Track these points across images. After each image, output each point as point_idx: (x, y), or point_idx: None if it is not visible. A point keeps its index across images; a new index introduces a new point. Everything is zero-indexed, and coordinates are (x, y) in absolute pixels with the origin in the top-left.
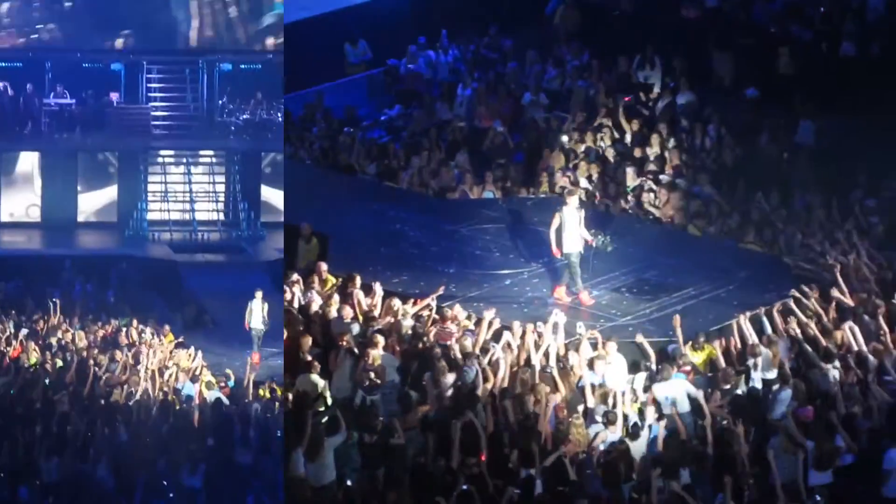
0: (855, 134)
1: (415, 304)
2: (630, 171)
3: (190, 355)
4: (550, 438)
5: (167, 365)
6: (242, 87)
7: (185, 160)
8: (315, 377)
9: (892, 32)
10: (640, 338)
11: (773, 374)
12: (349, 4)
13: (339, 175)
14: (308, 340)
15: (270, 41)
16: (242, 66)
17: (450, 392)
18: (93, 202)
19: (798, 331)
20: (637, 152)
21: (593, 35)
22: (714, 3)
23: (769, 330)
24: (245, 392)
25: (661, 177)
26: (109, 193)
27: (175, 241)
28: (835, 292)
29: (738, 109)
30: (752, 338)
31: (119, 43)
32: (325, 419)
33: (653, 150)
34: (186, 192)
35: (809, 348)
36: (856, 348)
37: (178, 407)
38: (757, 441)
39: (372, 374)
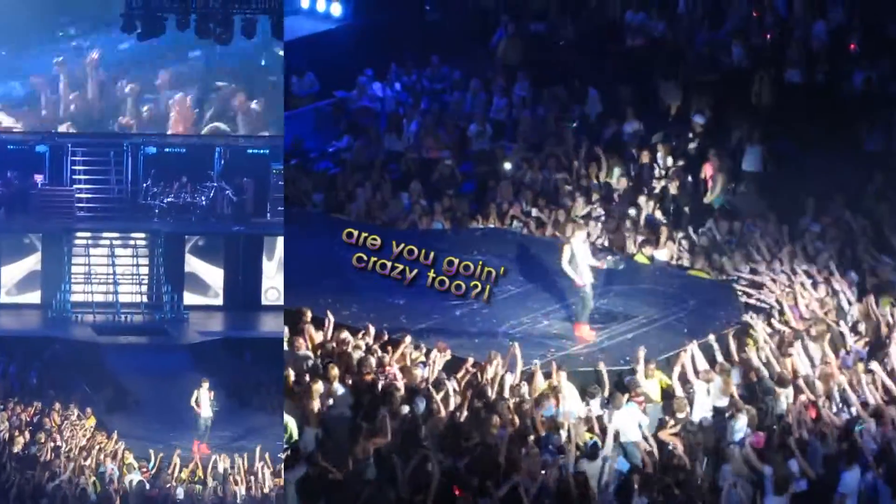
0: (802, 160)
1: (363, 336)
2: (580, 199)
3: (112, 438)
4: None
5: (89, 447)
6: (167, 169)
7: (108, 242)
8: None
9: (833, 60)
10: (601, 366)
11: (724, 402)
12: (296, 37)
13: (286, 208)
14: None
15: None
16: (167, 150)
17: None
18: (16, 283)
19: (752, 357)
20: (584, 181)
21: (537, 65)
22: (659, 32)
23: (720, 357)
24: (169, 477)
25: (611, 206)
26: (33, 275)
27: (98, 322)
28: (779, 319)
29: (685, 137)
30: (704, 365)
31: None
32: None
33: (601, 178)
34: (110, 275)
35: (766, 373)
36: (804, 373)
37: (98, 490)
38: (711, 469)
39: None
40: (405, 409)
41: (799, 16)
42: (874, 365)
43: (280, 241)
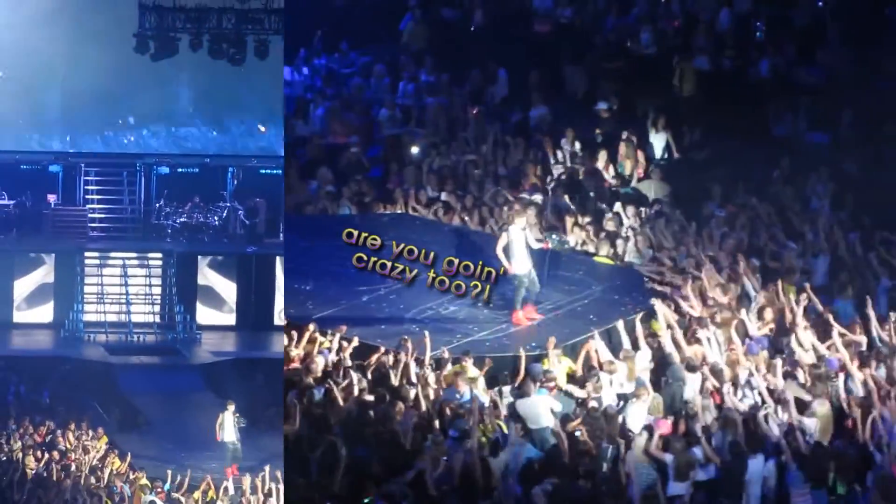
0: (708, 146)
1: None
2: (487, 185)
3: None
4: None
5: (101, 467)
6: (180, 189)
7: (121, 262)
8: None
9: (740, 46)
10: (521, 351)
11: (630, 388)
12: None
13: None
14: None
15: None
16: (180, 170)
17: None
18: (29, 303)
19: (658, 342)
20: (492, 166)
21: (445, 50)
22: (566, 18)
23: (626, 343)
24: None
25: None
26: (46, 295)
27: (110, 342)
28: (684, 305)
29: (591, 123)
30: (607, 356)
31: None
32: None
33: (509, 163)
34: (123, 294)
35: (677, 358)
36: (711, 360)
37: None
38: (615, 455)
39: None
40: (314, 395)
41: (705, 2)
42: (777, 360)
43: None
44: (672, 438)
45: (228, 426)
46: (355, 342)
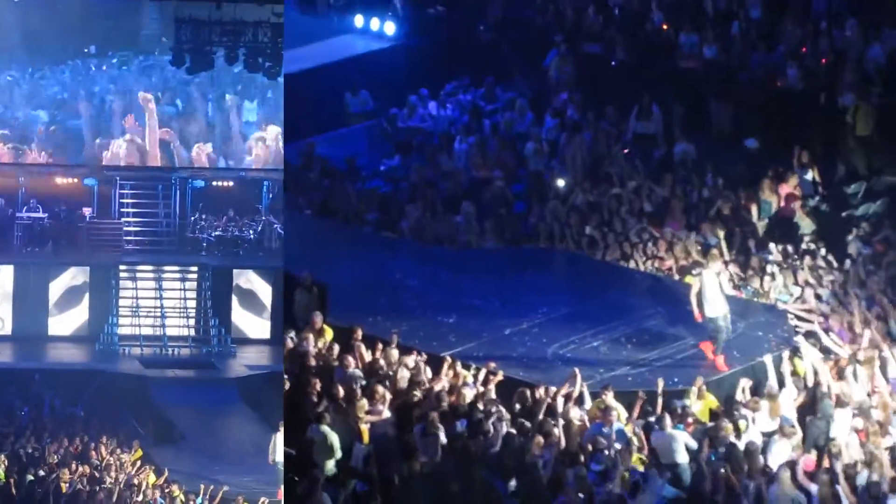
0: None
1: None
2: (631, 221)
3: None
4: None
5: (135, 482)
6: (215, 203)
7: (156, 275)
8: (326, 428)
9: (890, 82)
10: (660, 384)
11: (773, 426)
12: (350, 55)
13: (337, 225)
14: (317, 384)
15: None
16: (215, 183)
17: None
18: (64, 316)
19: (810, 380)
20: (636, 202)
21: (590, 85)
22: (711, 53)
23: (772, 380)
24: None
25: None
26: (81, 308)
27: (145, 356)
28: (829, 343)
29: (735, 159)
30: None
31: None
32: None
33: (654, 200)
34: (157, 308)
35: (828, 395)
36: (857, 399)
37: None
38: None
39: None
40: (456, 428)
41: (853, 39)
42: None
43: None
44: (818, 472)
45: (280, 447)
46: (500, 376)
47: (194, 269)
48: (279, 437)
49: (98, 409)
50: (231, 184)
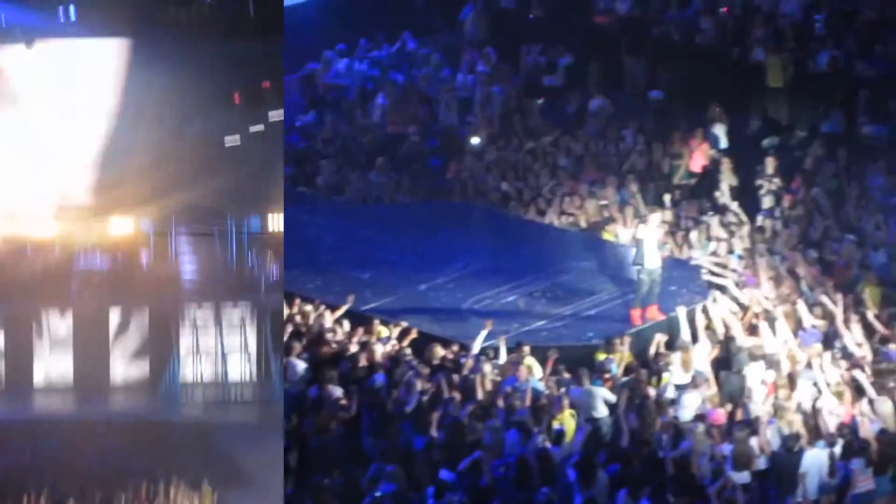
0: (761, 138)
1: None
2: (546, 176)
3: None
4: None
5: None
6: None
7: (216, 318)
8: None
9: (801, 39)
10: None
11: (687, 379)
12: None
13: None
14: None
15: None
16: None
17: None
18: (126, 363)
19: (722, 332)
20: (551, 158)
21: (504, 40)
22: (626, 8)
23: (684, 332)
24: None
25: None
26: (142, 354)
27: (208, 399)
28: (743, 296)
29: (650, 115)
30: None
31: None
32: None
33: (568, 154)
34: (218, 351)
35: (742, 348)
36: (770, 352)
37: None
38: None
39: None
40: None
41: None
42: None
43: None
44: (732, 428)
45: None
46: (414, 333)
47: (254, 310)
48: None
49: (163, 457)
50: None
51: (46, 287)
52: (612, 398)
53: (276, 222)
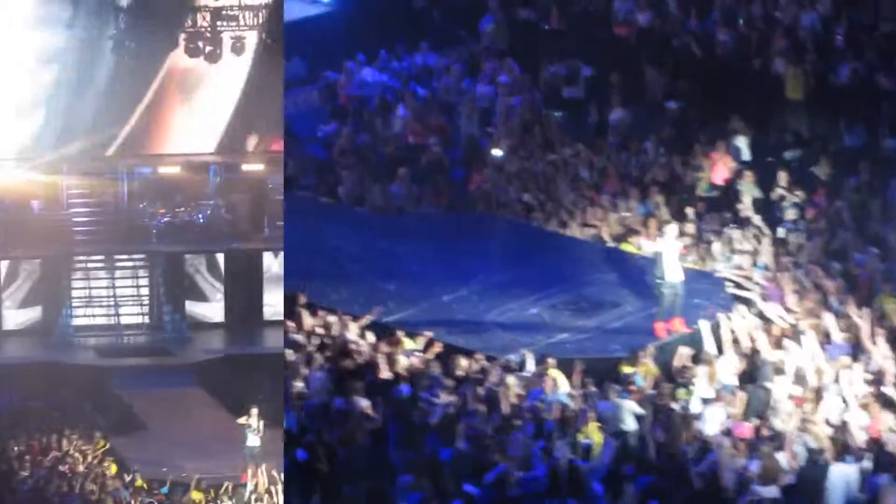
0: (782, 151)
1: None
2: (567, 187)
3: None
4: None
5: (98, 473)
6: (162, 190)
7: (107, 265)
8: None
9: (819, 50)
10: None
11: (713, 393)
12: (285, 21)
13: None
14: None
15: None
16: (161, 170)
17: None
18: (19, 312)
19: (747, 346)
20: (572, 169)
21: (524, 51)
22: (646, 20)
23: (709, 346)
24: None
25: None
26: (35, 304)
27: (101, 345)
28: (769, 310)
29: (671, 127)
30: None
31: None
32: None
33: (594, 166)
34: (111, 297)
35: (767, 362)
36: (796, 366)
37: None
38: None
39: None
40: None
41: (786, 6)
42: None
43: (271, 256)
44: (758, 443)
45: (251, 431)
46: (439, 345)
47: (145, 257)
48: (252, 419)
49: (57, 402)
50: (178, 170)
51: None
52: (641, 411)
53: None
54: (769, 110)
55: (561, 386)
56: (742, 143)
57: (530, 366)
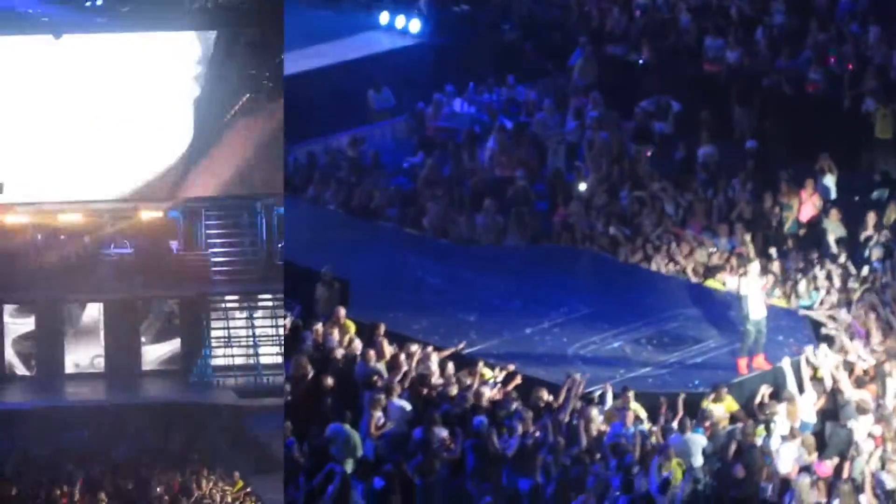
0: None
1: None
2: (653, 222)
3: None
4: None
5: None
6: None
7: (246, 304)
8: (348, 427)
9: None
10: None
11: (787, 431)
12: (374, 52)
13: (359, 221)
14: (329, 381)
15: None
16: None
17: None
18: (156, 351)
19: (830, 384)
20: (658, 204)
21: (613, 87)
22: (735, 57)
23: (791, 384)
24: None
25: (687, 231)
26: (173, 343)
27: (240, 386)
28: (852, 348)
29: (758, 163)
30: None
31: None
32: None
33: (680, 202)
34: (249, 337)
35: (851, 400)
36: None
37: None
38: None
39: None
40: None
41: (876, 45)
42: None
43: None
44: (838, 481)
45: None
46: (519, 378)
47: (283, 296)
48: None
49: (195, 443)
50: None
51: (76, 274)
52: (710, 448)
53: None
54: (858, 149)
55: (640, 419)
56: (830, 181)
57: (610, 399)
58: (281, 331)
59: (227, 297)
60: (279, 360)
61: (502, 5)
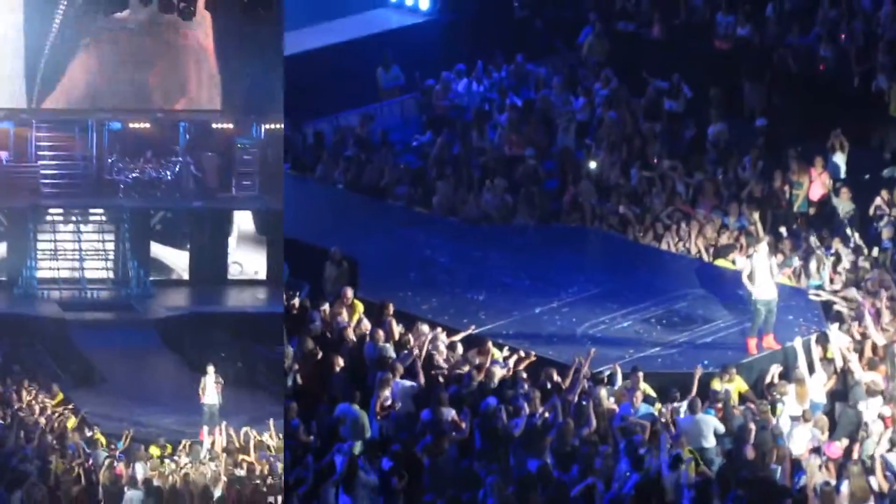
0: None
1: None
2: (663, 201)
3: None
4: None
5: (55, 424)
6: (132, 145)
7: (74, 218)
8: (357, 407)
9: None
10: (699, 370)
11: (799, 412)
12: (383, 30)
13: (367, 199)
14: (339, 362)
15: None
16: (132, 125)
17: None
18: None
19: (840, 365)
20: (668, 182)
21: (623, 64)
22: (745, 33)
23: (801, 365)
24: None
25: (697, 210)
26: None
27: (64, 299)
28: (870, 329)
29: (768, 141)
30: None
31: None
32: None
33: (690, 180)
34: (76, 251)
35: (860, 380)
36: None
37: (63, 467)
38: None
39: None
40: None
41: (888, 21)
42: None
43: (240, 215)
44: (848, 463)
45: (210, 388)
46: (532, 357)
47: (112, 211)
48: (208, 379)
49: (17, 354)
50: (148, 125)
51: None
52: (722, 429)
53: None
54: (868, 127)
55: (650, 400)
56: (840, 159)
57: (619, 379)
58: (108, 246)
59: (55, 210)
60: (105, 274)
61: None
